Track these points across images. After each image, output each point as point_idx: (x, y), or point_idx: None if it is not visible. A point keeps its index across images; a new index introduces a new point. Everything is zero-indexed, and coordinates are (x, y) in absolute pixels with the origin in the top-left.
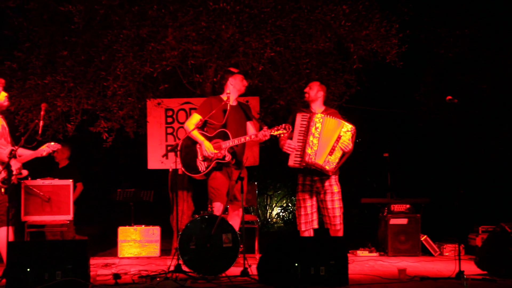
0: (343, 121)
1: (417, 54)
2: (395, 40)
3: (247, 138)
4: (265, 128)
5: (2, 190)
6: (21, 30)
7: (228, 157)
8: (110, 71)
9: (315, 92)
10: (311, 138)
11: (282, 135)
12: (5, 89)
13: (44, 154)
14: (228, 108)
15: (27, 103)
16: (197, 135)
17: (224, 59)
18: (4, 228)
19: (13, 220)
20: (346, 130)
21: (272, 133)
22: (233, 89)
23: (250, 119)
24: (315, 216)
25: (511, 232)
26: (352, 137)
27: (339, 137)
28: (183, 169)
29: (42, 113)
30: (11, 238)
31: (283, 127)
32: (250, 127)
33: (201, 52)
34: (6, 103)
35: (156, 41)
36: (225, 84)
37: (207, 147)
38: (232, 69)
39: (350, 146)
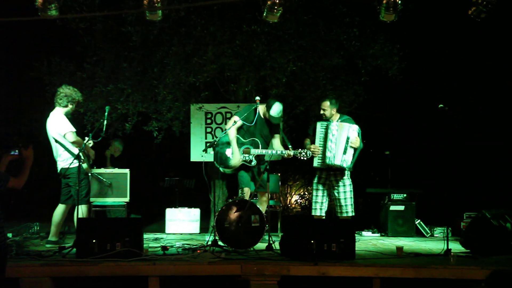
0: (348, 124)
1: (414, 69)
2: (397, 58)
3: (274, 152)
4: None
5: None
6: (90, 46)
7: (254, 163)
8: (161, 81)
9: (330, 111)
10: (329, 143)
11: (302, 157)
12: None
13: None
14: (256, 113)
15: (93, 106)
16: (234, 144)
17: (254, 72)
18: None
19: (86, 200)
20: (352, 130)
21: (294, 153)
22: (260, 111)
23: (273, 135)
24: (325, 205)
25: (490, 218)
26: (358, 134)
27: (348, 138)
28: (216, 164)
29: (106, 114)
30: (81, 215)
31: (305, 151)
32: (274, 141)
33: (236, 66)
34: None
35: (199, 57)
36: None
37: (236, 159)
38: (260, 100)
39: (358, 142)
